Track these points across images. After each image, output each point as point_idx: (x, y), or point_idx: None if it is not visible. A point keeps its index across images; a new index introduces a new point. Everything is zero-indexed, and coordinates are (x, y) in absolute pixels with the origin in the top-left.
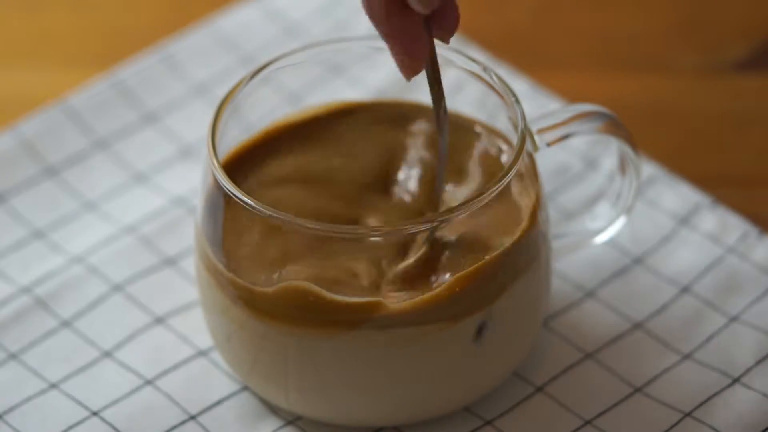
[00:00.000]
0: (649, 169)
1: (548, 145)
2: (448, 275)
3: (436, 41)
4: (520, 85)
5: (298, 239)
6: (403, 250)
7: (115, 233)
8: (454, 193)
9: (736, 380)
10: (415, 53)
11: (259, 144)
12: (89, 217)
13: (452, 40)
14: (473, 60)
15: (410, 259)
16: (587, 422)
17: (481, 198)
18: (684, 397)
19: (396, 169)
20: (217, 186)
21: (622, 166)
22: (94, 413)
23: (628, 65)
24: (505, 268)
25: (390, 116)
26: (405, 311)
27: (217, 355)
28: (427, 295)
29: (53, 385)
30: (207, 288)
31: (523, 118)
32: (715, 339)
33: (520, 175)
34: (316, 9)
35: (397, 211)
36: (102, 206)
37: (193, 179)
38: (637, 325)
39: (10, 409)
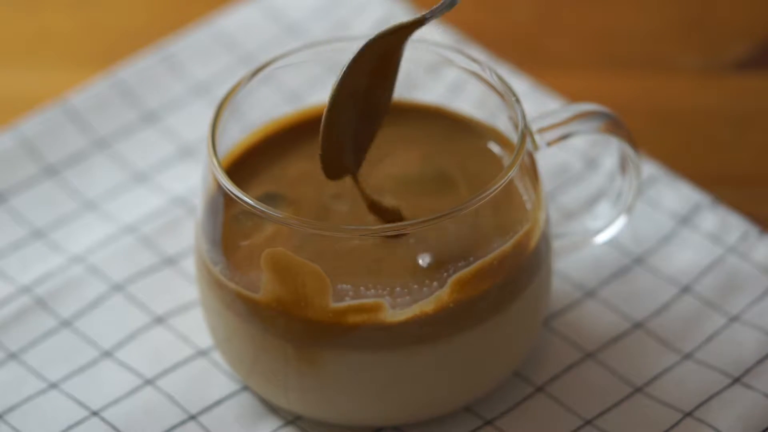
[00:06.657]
0: (649, 168)
1: (548, 144)
2: (447, 275)
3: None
4: (520, 84)
5: (298, 240)
6: (402, 249)
7: (115, 233)
8: (454, 193)
9: (736, 380)
10: None
11: (259, 143)
12: (89, 216)
13: (452, 39)
14: (473, 60)
15: (409, 260)
16: (587, 422)
17: (481, 197)
18: (684, 397)
19: (395, 168)
20: (217, 186)
21: (623, 166)
22: (94, 413)
23: (628, 65)
24: (505, 269)
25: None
26: (404, 312)
27: (217, 355)
28: (426, 296)
29: (53, 385)
30: (207, 288)
31: (524, 117)
32: (716, 339)
33: (520, 175)
34: (316, 9)
35: (396, 209)
36: (102, 206)
37: (193, 179)
38: (638, 325)
39: (10, 409)
